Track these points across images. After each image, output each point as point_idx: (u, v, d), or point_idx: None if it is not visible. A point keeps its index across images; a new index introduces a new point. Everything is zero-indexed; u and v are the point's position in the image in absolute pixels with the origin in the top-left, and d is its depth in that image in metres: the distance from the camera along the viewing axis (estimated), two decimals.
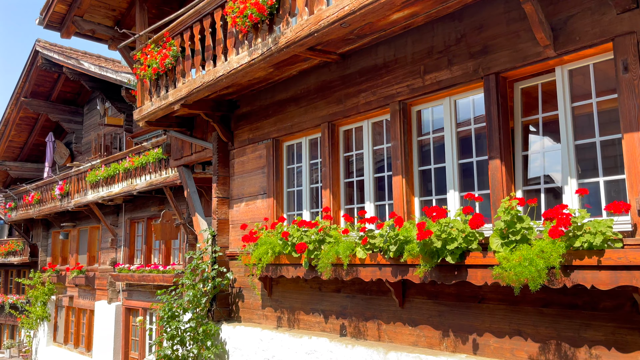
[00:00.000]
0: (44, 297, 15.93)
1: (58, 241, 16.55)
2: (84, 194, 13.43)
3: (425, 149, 4.90)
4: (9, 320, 20.34)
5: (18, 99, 15.09)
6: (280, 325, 5.95)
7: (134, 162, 11.37)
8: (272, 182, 6.26)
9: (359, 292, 5.10)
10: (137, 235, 13.19)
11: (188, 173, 8.07)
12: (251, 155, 6.69)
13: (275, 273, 5.62)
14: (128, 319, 12.94)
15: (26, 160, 17.38)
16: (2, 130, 16.04)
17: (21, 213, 16.69)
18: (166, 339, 6.24)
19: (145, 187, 11.10)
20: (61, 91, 15.43)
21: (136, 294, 12.61)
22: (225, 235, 6.91)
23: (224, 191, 6.99)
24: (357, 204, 5.44)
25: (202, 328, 6.19)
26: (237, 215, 6.82)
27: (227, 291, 6.76)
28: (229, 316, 6.73)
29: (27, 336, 17.01)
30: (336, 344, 4.99)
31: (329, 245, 4.90)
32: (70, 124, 15.87)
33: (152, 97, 7.10)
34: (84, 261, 15.06)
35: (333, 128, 5.60)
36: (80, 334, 14.95)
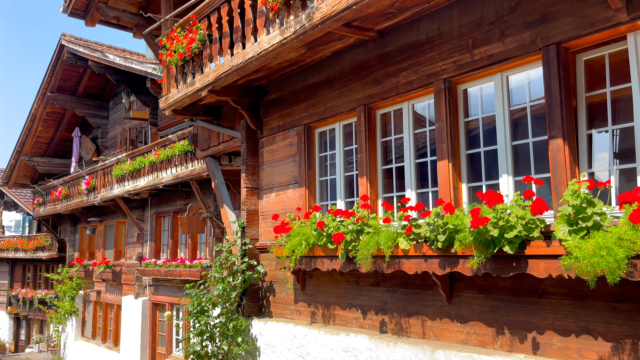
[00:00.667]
0: (72, 292, 15.98)
1: (85, 236, 16.59)
2: (110, 188, 13.36)
3: (474, 132, 4.52)
4: (38, 315, 20.57)
5: (44, 94, 15.12)
6: (315, 321, 5.64)
7: (159, 155, 11.21)
8: (303, 171, 5.94)
9: (400, 286, 4.75)
10: (163, 229, 13.06)
11: (215, 164, 7.82)
12: (281, 143, 6.38)
13: (309, 266, 5.31)
14: (155, 314, 12.83)
15: (53, 156, 17.46)
16: (30, 125, 16.11)
17: (49, 208, 16.77)
18: (195, 334, 5.99)
19: (171, 180, 10.92)
20: (87, 86, 15.40)
21: (163, 289, 12.48)
22: (255, 227, 6.63)
23: (253, 181, 6.70)
24: (397, 192, 5.08)
25: (232, 323, 5.93)
26: (267, 206, 6.53)
27: (257, 285, 6.49)
28: (260, 311, 6.45)
29: (55, 331, 17.12)
30: (376, 342, 4.65)
31: (368, 235, 4.56)
32: (96, 119, 15.85)
33: (179, 84, 6.85)
34: (111, 256, 15.03)
35: (369, 111, 5.25)
36: (108, 329, 14.94)
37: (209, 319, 5.97)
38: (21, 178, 17.83)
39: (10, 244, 21.24)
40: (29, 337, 21.73)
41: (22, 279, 22.33)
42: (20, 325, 22.24)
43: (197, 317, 6.01)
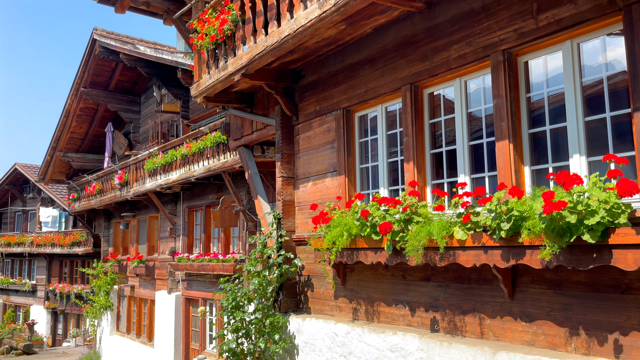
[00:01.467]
0: (107, 286, 16.05)
1: (119, 231, 16.63)
2: (142, 182, 13.27)
3: (537, 110, 4.05)
4: (74, 309, 20.84)
5: (78, 89, 15.17)
6: (357, 318, 5.26)
7: (191, 147, 11.00)
8: (342, 158, 5.56)
9: (454, 280, 4.32)
10: (195, 224, 12.90)
11: (248, 153, 7.51)
12: (318, 129, 6.01)
13: (350, 258, 4.93)
14: (188, 309, 12.68)
15: (87, 152, 17.57)
16: (64, 121, 16.22)
17: (83, 204, 16.88)
18: (230, 331, 5.70)
19: (203, 173, 10.70)
20: (119, 80, 15.38)
21: (196, 283, 12.32)
22: (291, 218, 6.29)
23: (289, 170, 6.36)
24: (447, 178, 4.65)
25: (268, 320, 5.60)
26: (304, 196, 6.18)
27: (294, 279, 6.15)
28: (297, 307, 6.11)
29: (91, 325, 17.26)
30: (428, 341, 4.24)
31: (418, 225, 4.15)
32: (128, 114, 15.83)
33: (210, 69, 6.56)
34: (144, 251, 15.00)
35: (416, 90, 4.82)
36: (142, 324, 14.92)
37: (245, 315, 5.66)
38: (56, 174, 18.02)
39: (48, 239, 21.59)
40: (66, 331, 22.07)
41: (59, 273, 22.70)
42: (58, 319, 22.62)
43: (232, 313, 5.71)
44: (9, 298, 25.21)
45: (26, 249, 22.85)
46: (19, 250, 23.35)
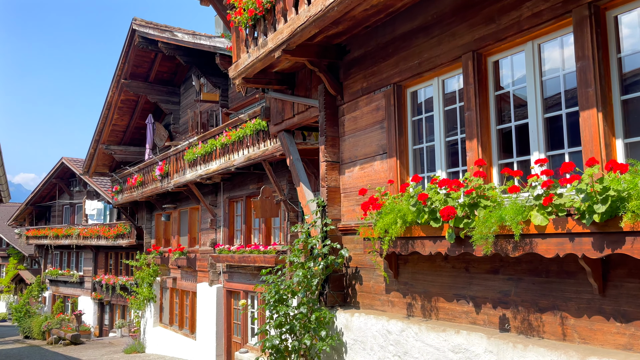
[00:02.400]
0: (150, 278, 16.09)
1: (160, 223, 16.64)
2: (183, 173, 13.11)
3: (631, 75, 3.43)
4: (119, 300, 21.16)
5: (118, 81, 15.18)
6: (412, 314, 4.76)
7: (230, 136, 10.70)
8: (393, 139, 5.05)
9: (528, 272, 3.76)
10: (236, 214, 12.64)
11: (290, 138, 7.09)
12: (365, 108, 5.52)
13: (405, 248, 4.43)
14: (229, 301, 12.47)
15: (129, 144, 17.66)
16: (106, 113, 16.31)
17: (126, 196, 16.97)
18: (273, 326, 5.30)
19: (243, 162, 10.39)
20: (158, 71, 15.30)
21: (237, 275, 12.08)
22: (337, 205, 5.83)
23: (334, 154, 5.89)
24: (517, 156, 4.07)
25: (314, 315, 5.18)
26: (350, 182, 5.70)
27: (340, 271, 5.69)
28: (344, 301, 5.66)
29: (135, 316, 17.40)
30: (498, 342, 3.70)
31: (486, 210, 3.61)
32: (168, 105, 15.75)
33: (249, 47, 6.16)
34: (186, 243, 14.91)
35: (479, 59, 4.26)
36: (184, 316, 14.86)
37: (289, 310, 5.25)
38: (100, 167, 18.21)
39: (93, 231, 21.97)
40: (112, 322, 22.47)
41: (104, 265, 23.11)
42: (104, 310, 23.05)
43: (275, 307, 5.32)
44: (58, 289, 25.92)
45: (73, 241, 23.36)
46: (66, 242, 23.91)
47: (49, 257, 27.45)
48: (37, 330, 21.88)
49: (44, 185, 26.67)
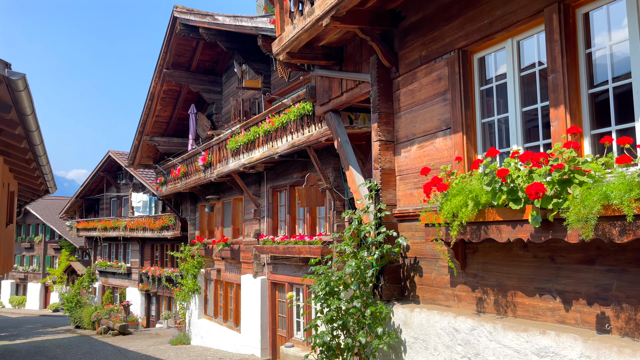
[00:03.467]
0: (194, 270, 16.00)
1: (204, 214, 16.51)
2: (226, 163, 12.84)
3: None
4: (165, 292, 21.31)
5: (161, 71, 15.07)
6: (483, 311, 4.17)
7: (274, 122, 10.29)
8: (459, 112, 4.45)
9: (634, 263, 3.11)
10: (279, 204, 12.26)
11: (337, 119, 6.57)
12: (424, 80, 4.93)
13: (476, 235, 3.84)
14: (274, 294, 12.13)
15: (172, 135, 17.60)
16: (149, 104, 16.27)
17: (170, 187, 16.93)
18: (324, 321, 4.82)
19: (287, 149, 9.96)
20: (200, 60, 15.09)
21: (281, 267, 11.71)
22: (391, 189, 5.27)
23: (387, 133, 5.34)
24: (616, 124, 3.41)
25: (369, 309, 4.66)
26: (407, 163, 5.14)
27: (397, 262, 5.15)
28: (401, 295, 5.11)
29: (181, 308, 17.39)
30: (598, 346, 3.08)
31: (583, 187, 2.99)
32: (210, 94, 15.53)
33: (294, 18, 5.67)
34: (229, 234, 14.68)
35: (566, 10, 3.60)
36: (229, 308, 14.66)
37: (341, 303, 4.75)
38: (145, 159, 18.27)
39: (139, 223, 22.21)
40: (158, 313, 22.70)
41: (150, 257, 23.36)
42: (151, 301, 23.32)
43: (326, 300, 4.83)
44: (107, 280, 26.47)
45: (120, 233, 23.73)
46: (114, 234, 24.32)
47: (98, 249, 28.08)
48: (87, 320, 22.36)
49: (92, 178, 27.25)
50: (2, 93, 5.79)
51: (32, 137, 7.18)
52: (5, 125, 6.88)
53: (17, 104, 6.05)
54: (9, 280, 38.82)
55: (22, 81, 5.44)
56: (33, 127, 6.85)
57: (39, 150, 7.90)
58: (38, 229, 36.69)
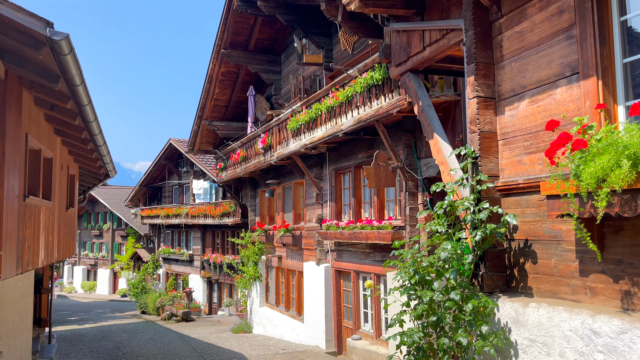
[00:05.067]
0: (255, 257, 15.55)
1: (264, 200, 15.99)
2: (286, 144, 12.16)
3: None
4: (227, 279, 21.13)
5: (218, 52, 14.58)
6: (633, 308, 3.17)
7: (338, 97, 9.45)
8: (591, 50, 3.42)
9: None
10: (343, 187, 11.44)
11: (417, 80, 5.64)
12: (538, 16, 3.91)
13: (630, 207, 2.84)
14: (339, 282, 11.37)
15: (231, 120, 17.17)
16: (207, 87, 15.87)
17: (230, 173, 16.54)
18: (413, 316, 3.96)
19: (352, 125, 9.10)
20: (258, 39, 14.47)
21: (346, 254, 10.91)
22: (492, 157, 4.31)
23: (487, 88, 4.36)
24: None
25: (470, 303, 3.75)
26: (513, 124, 4.15)
27: (500, 246, 4.19)
28: (507, 286, 4.16)
29: (242, 295, 17.05)
30: None
31: None
32: (268, 75, 14.90)
33: None
34: (290, 219, 14.05)
35: None
36: (290, 297, 14.08)
37: (434, 295, 3.87)
38: (204, 144, 17.98)
39: (200, 210, 22.14)
40: (220, 300, 22.62)
41: (212, 244, 23.30)
42: (213, 288, 23.30)
43: (415, 290, 3.96)
44: (171, 267, 26.78)
45: (182, 220, 23.81)
46: (176, 221, 24.47)
47: (161, 236, 28.50)
48: (152, 306, 22.64)
49: (154, 166, 27.58)
50: (47, 59, 5.27)
51: (85, 112, 6.70)
52: (57, 99, 6.43)
53: (64, 73, 5.52)
54: (81, 266, 40.53)
55: (65, 42, 4.88)
56: (85, 101, 6.35)
57: (93, 128, 7.46)
58: (106, 217, 37.93)
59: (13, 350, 8.70)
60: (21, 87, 6.07)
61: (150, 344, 14.28)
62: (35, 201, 6.73)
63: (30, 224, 6.65)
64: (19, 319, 9.27)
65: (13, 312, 8.74)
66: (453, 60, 5.79)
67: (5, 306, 8.15)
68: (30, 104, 6.65)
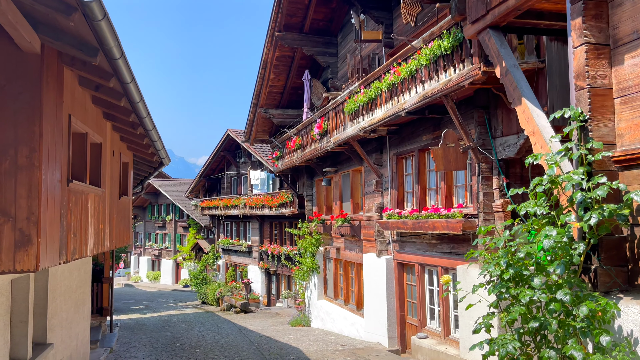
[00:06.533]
0: (312, 248, 14.99)
1: (321, 189, 15.38)
2: (343, 128, 11.43)
3: None
4: (285, 270, 20.77)
5: (273, 35, 14.05)
6: None
7: (400, 72, 8.60)
8: None
9: None
10: (405, 174, 10.59)
11: (499, 37, 4.74)
12: None
13: None
14: (401, 276, 10.56)
15: (286, 107, 16.66)
16: (262, 73, 15.41)
17: (286, 161, 16.04)
18: (506, 320, 3.13)
19: (416, 102, 8.23)
20: (313, 19, 13.80)
21: (410, 245, 10.08)
22: (607, 119, 3.39)
23: (599, 32, 3.43)
24: None
25: (585, 306, 2.88)
26: (636, 75, 3.21)
27: (619, 233, 3.28)
28: (629, 284, 3.24)
29: (300, 287, 16.57)
30: None
31: None
32: (324, 57, 14.21)
33: None
34: (348, 209, 13.34)
35: None
36: (350, 290, 13.40)
37: (535, 294, 3.03)
38: (260, 133, 17.60)
39: (258, 201, 21.88)
40: (278, 291, 22.33)
41: (269, 235, 23.03)
42: (271, 279, 23.05)
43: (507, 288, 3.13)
44: (230, 258, 26.84)
45: (240, 211, 23.69)
46: (234, 212, 24.40)
47: (221, 227, 28.64)
48: (211, 297, 22.69)
49: (213, 157, 27.70)
50: (81, 28, 4.81)
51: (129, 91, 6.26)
52: (99, 77, 6.01)
53: (102, 44, 5.06)
54: (146, 257, 41.81)
55: (97, 5, 4.38)
56: (127, 78, 5.90)
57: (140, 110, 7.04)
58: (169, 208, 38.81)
59: (67, 340, 8.56)
60: (62, 64, 5.68)
61: (208, 336, 14.07)
62: (81, 187, 6.38)
63: (76, 211, 6.30)
64: (75, 309, 9.14)
65: (68, 302, 8.59)
66: (541, 16, 4.85)
67: (58, 296, 7.97)
68: (74, 83, 6.29)
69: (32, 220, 4.98)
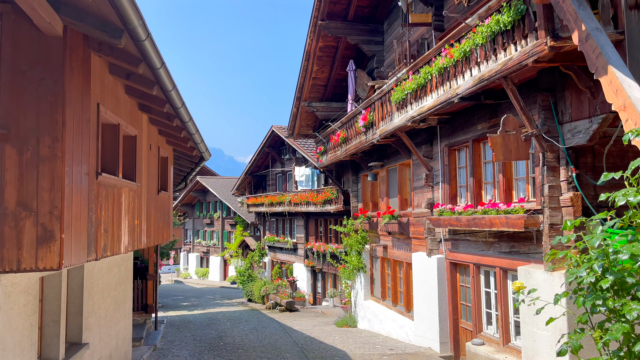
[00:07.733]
0: (358, 246, 14.38)
1: (367, 185, 14.74)
2: (389, 119, 10.76)
3: None
4: (330, 269, 20.27)
5: (315, 24, 13.53)
6: None
7: (452, 54, 7.87)
8: None
9: None
10: (458, 166, 9.80)
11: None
12: None
13: None
14: (454, 277, 9.80)
15: (330, 100, 16.12)
16: (305, 65, 14.93)
17: (330, 156, 15.50)
18: (602, 342, 2.44)
19: (471, 87, 7.48)
20: (357, 6, 13.17)
21: (463, 244, 9.31)
22: None
23: None
24: None
25: None
26: None
27: None
28: None
29: (345, 287, 16.00)
30: None
31: None
32: (370, 46, 13.56)
33: None
34: (396, 205, 12.64)
35: None
36: (398, 290, 12.70)
37: None
38: (304, 128, 17.15)
39: (302, 197, 21.49)
40: (324, 290, 21.86)
41: (315, 232, 22.58)
42: (317, 278, 22.60)
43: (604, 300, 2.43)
44: (276, 255, 26.61)
45: (285, 208, 23.37)
46: (279, 209, 24.11)
47: (266, 225, 28.47)
48: (257, 294, 22.49)
49: (258, 154, 27.55)
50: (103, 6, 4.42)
51: (160, 78, 5.86)
52: (129, 63, 5.64)
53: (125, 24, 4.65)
54: (195, 254, 42.38)
55: None
56: (156, 63, 5.49)
57: (174, 99, 6.65)
58: (216, 206, 39.13)
59: (107, 339, 8.35)
60: (88, 49, 5.33)
61: (251, 335, 13.74)
62: (113, 180, 6.04)
63: (106, 205, 5.97)
64: (114, 306, 8.94)
65: (106, 300, 8.37)
66: None
67: (95, 294, 7.74)
68: (104, 71, 5.95)
69: (55, 214, 4.64)
